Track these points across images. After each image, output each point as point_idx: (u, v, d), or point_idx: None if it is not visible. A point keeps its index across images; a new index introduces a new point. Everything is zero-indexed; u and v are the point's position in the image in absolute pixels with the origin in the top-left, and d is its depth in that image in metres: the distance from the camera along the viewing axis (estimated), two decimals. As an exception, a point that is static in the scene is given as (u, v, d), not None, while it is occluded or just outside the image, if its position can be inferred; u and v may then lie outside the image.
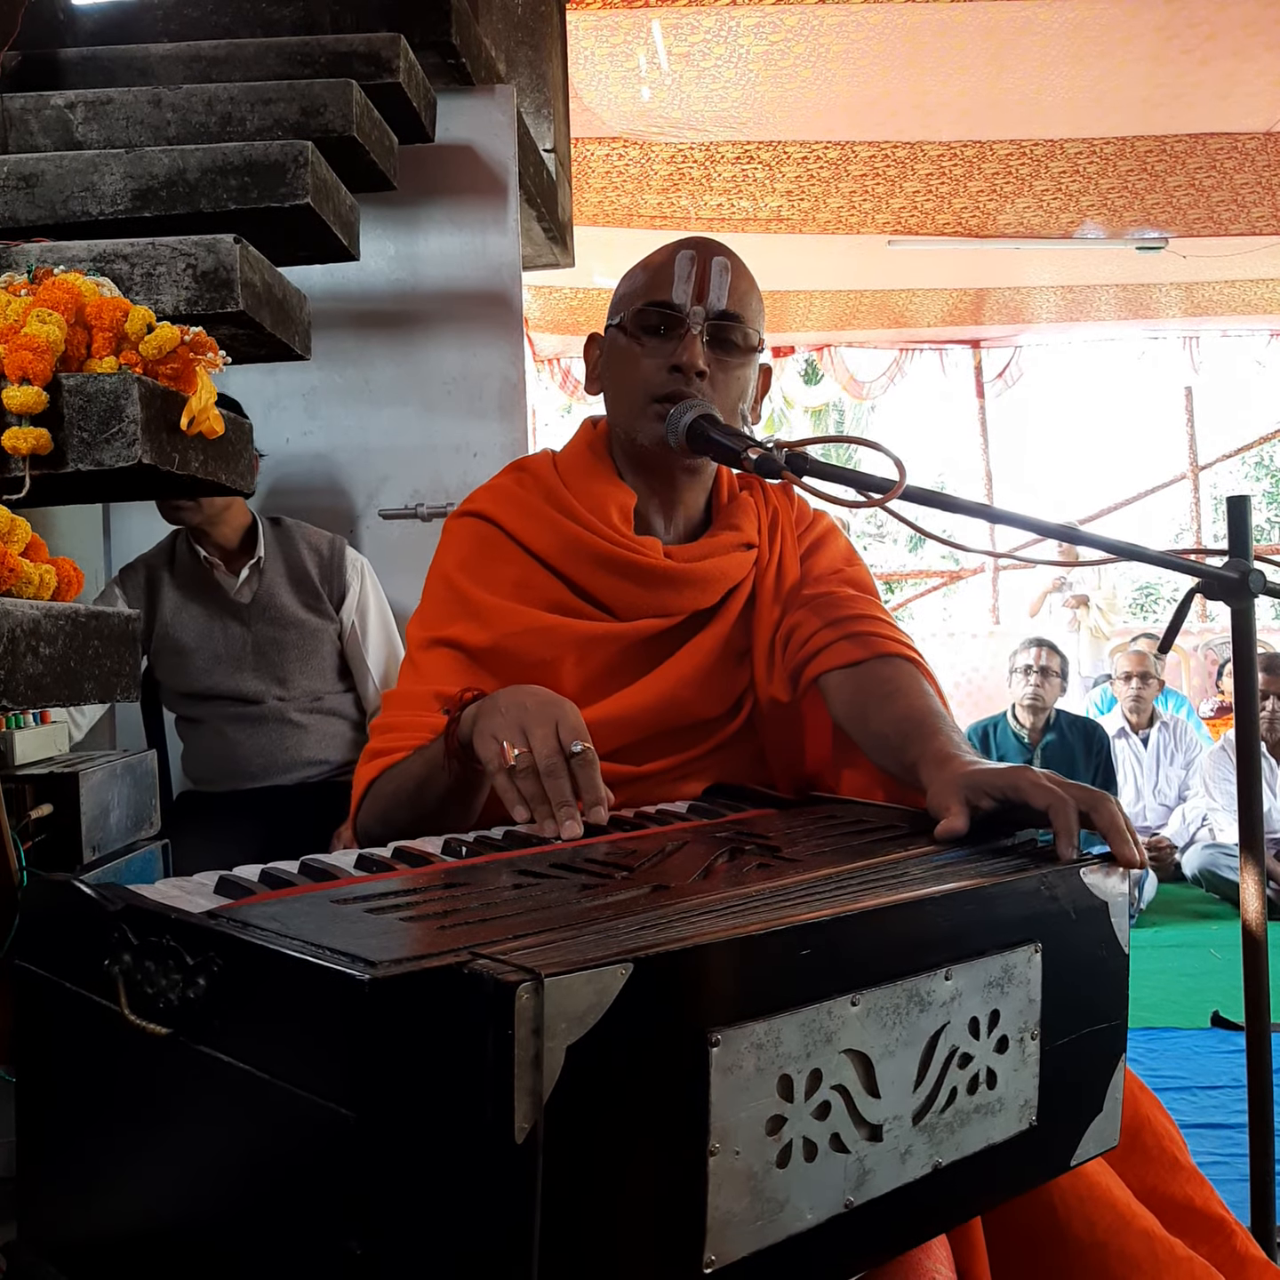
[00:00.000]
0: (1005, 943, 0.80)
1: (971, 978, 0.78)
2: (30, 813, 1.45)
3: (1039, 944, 0.82)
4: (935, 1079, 0.76)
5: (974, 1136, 0.79)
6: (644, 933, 0.67)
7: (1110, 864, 0.89)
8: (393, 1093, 0.58)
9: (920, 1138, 0.75)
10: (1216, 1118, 2.32)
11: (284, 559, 2.37)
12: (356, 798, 1.21)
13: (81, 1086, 0.78)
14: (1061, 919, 0.85)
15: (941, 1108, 0.76)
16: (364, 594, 2.40)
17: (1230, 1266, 1.03)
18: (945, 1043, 0.76)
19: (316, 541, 2.40)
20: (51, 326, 1.26)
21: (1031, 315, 7.56)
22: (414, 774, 1.14)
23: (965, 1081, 0.78)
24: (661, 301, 1.23)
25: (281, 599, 2.35)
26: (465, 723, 1.07)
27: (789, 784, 1.30)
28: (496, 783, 1.01)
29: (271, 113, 1.89)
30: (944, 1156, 0.77)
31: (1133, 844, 0.90)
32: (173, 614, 2.33)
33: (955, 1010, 0.77)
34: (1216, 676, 6.50)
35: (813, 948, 0.69)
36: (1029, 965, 0.81)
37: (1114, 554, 1.19)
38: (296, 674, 2.35)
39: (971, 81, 4.10)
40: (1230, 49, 3.86)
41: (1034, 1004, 0.82)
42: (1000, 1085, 0.80)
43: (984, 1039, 0.79)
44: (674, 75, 4.03)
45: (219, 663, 2.32)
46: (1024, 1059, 0.81)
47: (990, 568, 8.01)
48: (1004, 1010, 0.80)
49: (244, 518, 2.38)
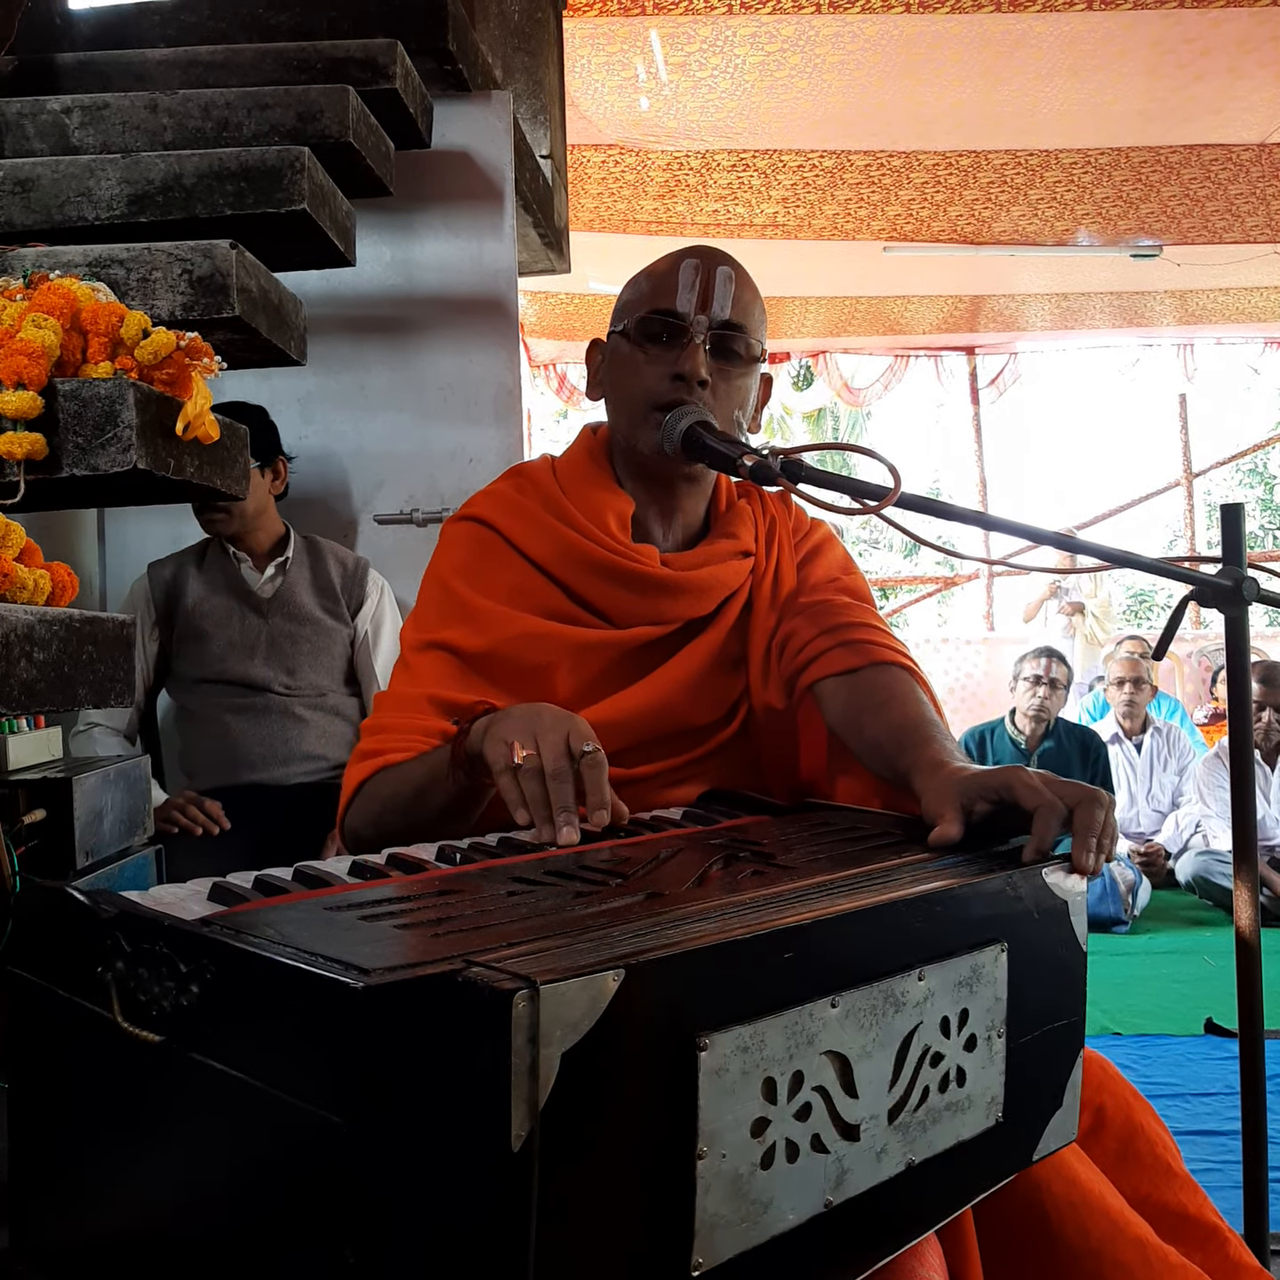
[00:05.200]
0: (974, 942, 0.82)
1: (943, 978, 0.79)
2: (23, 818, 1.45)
3: (1005, 943, 0.84)
4: (909, 1078, 0.77)
5: (945, 1134, 0.80)
6: (638, 940, 0.67)
7: (1069, 865, 0.90)
8: (387, 1101, 0.57)
9: (895, 1136, 0.76)
10: (1210, 1124, 2.32)
11: (310, 565, 2.48)
12: (346, 797, 1.21)
13: (74, 1094, 0.77)
14: (1025, 919, 0.86)
15: (915, 1106, 0.77)
16: (380, 608, 2.50)
17: (1223, 1274, 1.03)
18: (918, 1042, 0.77)
19: (343, 556, 2.52)
20: (47, 331, 1.26)
21: (1026, 322, 7.59)
22: (414, 780, 1.14)
23: (937, 1080, 0.79)
24: (665, 310, 1.23)
25: (301, 597, 2.44)
26: (475, 734, 1.07)
27: (784, 791, 1.30)
28: (501, 783, 1.01)
29: (268, 118, 1.89)
30: (917, 1154, 0.78)
31: (1094, 851, 0.91)
32: (195, 603, 2.40)
33: (928, 1010, 0.78)
34: (1210, 683, 6.52)
35: (794, 951, 0.70)
36: (996, 964, 0.83)
37: (1108, 561, 1.20)
38: (306, 667, 2.42)
39: (967, 92, 4.11)
40: (1225, 65, 3.88)
41: (1000, 1002, 0.83)
42: (969, 1083, 0.81)
43: (954, 1038, 0.80)
44: (670, 84, 4.04)
45: (233, 649, 2.39)
46: (991, 1057, 0.83)
47: (985, 574, 8.03)
48: (973, 1009, 0.81)
49: (277, 527, 2.48)
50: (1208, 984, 3.26)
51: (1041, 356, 8.32)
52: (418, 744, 1.16)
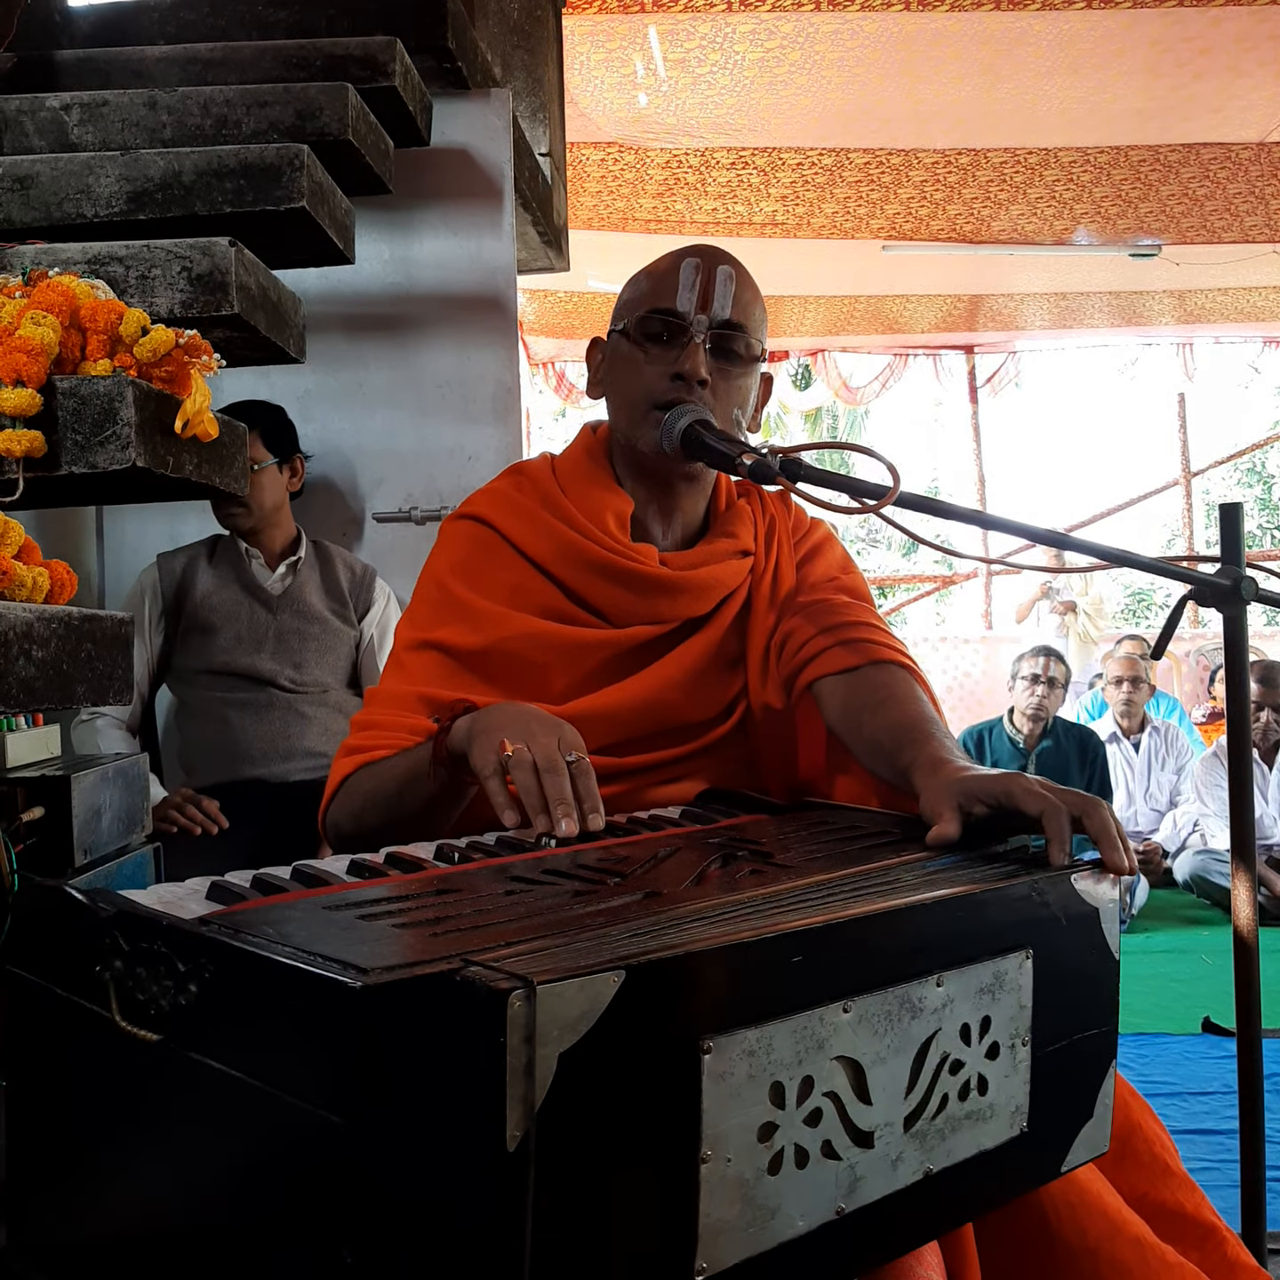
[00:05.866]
0: (996, 949, 0.80)
1: (963, 984, 0.78)
2: (22, 815, 1.44)
3: (1030, 950, 0.82)
4: (926, 1085, 0.76)
5: (965, 1143, 0.79)
6: (636, 940, 0.67)
7: (1101, 870, 0.89)
8: (384, 1100, 0.57)
9: (911, 1144, 0.75)
10: (1207, 1123, 2.33)
11: (320, 568, 2.50)
12: (330, 790, 1.22)
13: (72, 1093, 0.77)
14: (1052, 925, 0.85)
15: (933, 1114, 0.76)
16: (387, 613, 2.53)
17: (1221, 1273, 1.03)
18: (936, 1049, 0.76)
19: (351, 562, 2.55)
20: (46, 329, 1.26)
21: (1025, 322, 7.58)
22: (395, 776, 1.15)
23: (956, 1088, 0.78)
24: (665, 309, 1.23)
25: (310, 597, 2.46)
26: (457, 732, 1.07)
27: (783, 790, 1.30)
28: (489, 786, 1.01)
29: (267, 116, 1.89)
30: (935, 1163, 0.77)
31: (1123, 850, 0.90)
32: (204, 596, 2.41)
33: (946, 1017, 0.77)
34: (1208, 682, 6.52)
35: (804, 954, 0.69)
36: (1020, 971, 0.81)
37: (1106, 560, 1.20)
38: (312, 664, 2.43)
39: (966, 90, 4.11)
40: (1224, 63, 3.87)
41: (1025, 1010, 0.82)
42: (991, 1091, 0.80)
43: (975, 1045, 0.79)
44: (670, 81, 4.03)
45: (240, 642, 2.39)
46: (1015, 1065, 0.81)
47: (983, 573, 8.03)
48: (995, 1017, 0.80)
49: (290, 527, 2.50)
50: (1205, 983, 3.27)
51: (1040, 355, 8.32)
52: (404, 742, 1.16)
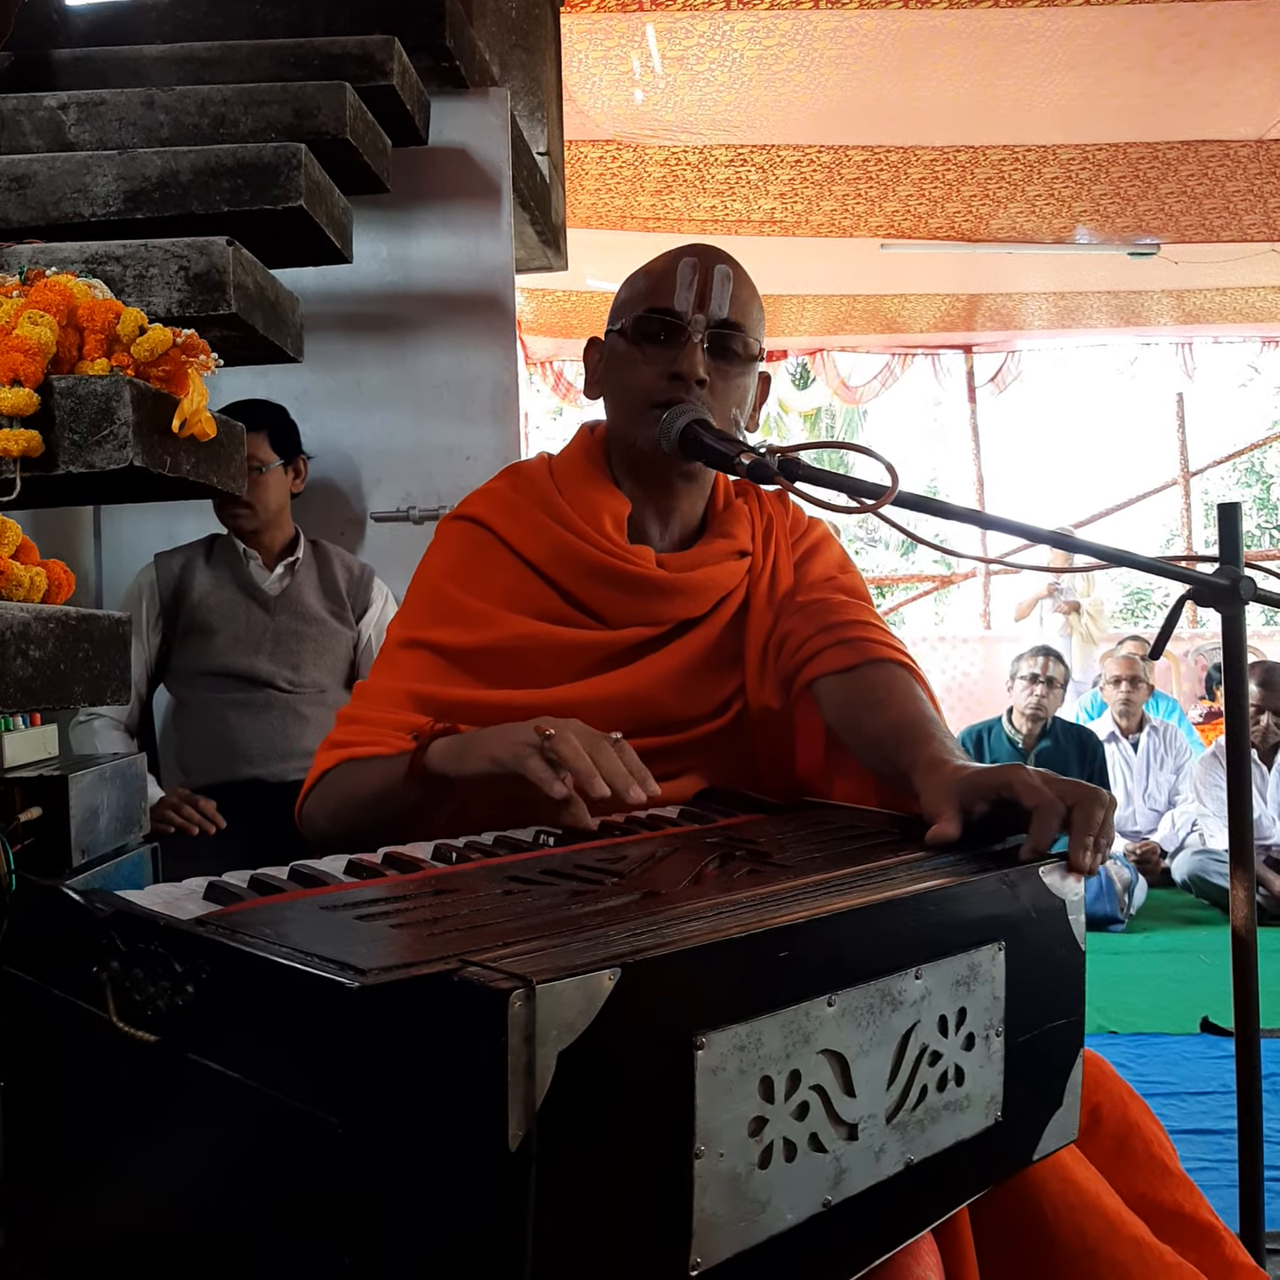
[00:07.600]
0: (971, 941, 0.82)
1: (940, 976, 0.79)
2: (19, 815, 1.44)
3: (1002, 942, 0.84)
4: (907, 1077, 0.77)
5: (943, 1133, 0.80)
6: (633, 939, 0.67)
7: (1066, 864, 0.90)
8: (383, 1101, 0.57)
9: (893, 1136, 0.76)
10: (1205, 1123, 2.33)
11: (317, 569, 2.51)
12: (309, 781, 1.22)
13: (69, 1094, 0.77)
14: (1023, 918, 0.86)
15: (913, 1105, 0.77)
16: (385, 614, 2.53)
17: (1219, 1273, 1.03)
18: (916, 1041, 0.77)
19: (349, 562, 2.56)
20: (43, 328, 1.26)
21: (1024, 321, 7.58)
22: (370, 784, 1.15)
23: (935, 1079, 0.79)
24: (663, 309, 1.23)
25: (308, 598, 2.46)
26: (434, 753, 1.08)
27: (781, 789, 1.29)
28: (529, 765, 1.00)
29: (264, 115, 1.89)
30: (915, 1154, 0.78)
31: (1090, 850, 0.91)
32: (201, 596, 2.41)
33: (925, 1009, 0.78)
34: (1206, 682, 6.52)
35: (791, 949, 0.70)
36: (993, 963, 0.83)
37: (1105, 560, 1.20)
38: (310, 665, 2.43)
39: (964, 87, 4.11)
40: (1222, 58, 3.87)
41: (998, 1001, 0.83)
42: (968, 1082, 0.81)
43: (952, 1037, 0.80)
44: (668, 79, 4.03)
45: (238, 643, 2.40)
46: (989, 1056, 0.83)
47: (982, 573, 8.03)
48: (970, 1008, 0.81)
49: (289, 528, 2.50)
50: (1203, 983, 3.26)
51: (1039, 355, 8.31)
52: (389, 739, 1.17)
